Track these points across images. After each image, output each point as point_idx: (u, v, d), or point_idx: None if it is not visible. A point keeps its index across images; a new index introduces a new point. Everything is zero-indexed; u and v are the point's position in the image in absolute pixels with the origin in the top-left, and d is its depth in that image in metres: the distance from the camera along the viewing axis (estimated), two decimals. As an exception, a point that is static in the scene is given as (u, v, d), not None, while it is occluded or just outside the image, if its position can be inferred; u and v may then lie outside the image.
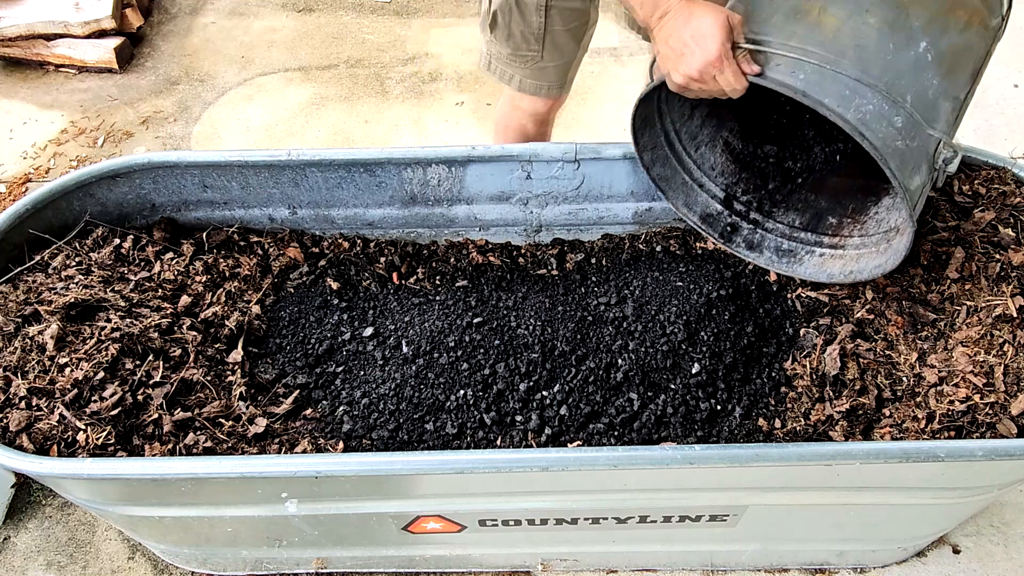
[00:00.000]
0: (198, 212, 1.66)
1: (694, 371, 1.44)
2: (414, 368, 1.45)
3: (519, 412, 1.40)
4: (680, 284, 1.55)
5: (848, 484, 1.26)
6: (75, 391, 1.26)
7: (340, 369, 1.48)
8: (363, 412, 1.41)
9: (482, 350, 1.46)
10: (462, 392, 1.41)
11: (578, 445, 1.37)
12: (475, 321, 1.50)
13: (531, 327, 1.50)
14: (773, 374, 1.45)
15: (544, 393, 1.42)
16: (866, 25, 1.15)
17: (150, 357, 1.35)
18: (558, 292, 1.58)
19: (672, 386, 1.43)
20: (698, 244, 1.65)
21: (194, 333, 1.43)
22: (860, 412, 1.35)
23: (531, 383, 1.42)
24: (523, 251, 1.70)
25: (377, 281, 1.63)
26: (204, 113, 2.83)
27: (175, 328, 1.43)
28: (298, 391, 1.45)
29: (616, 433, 1.38)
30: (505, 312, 1.54)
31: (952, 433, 1.26)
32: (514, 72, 1.73)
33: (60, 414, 1.23)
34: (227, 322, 1.49)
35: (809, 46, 1.16)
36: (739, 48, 1.16)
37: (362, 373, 1.47)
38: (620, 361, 1.44)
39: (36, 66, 2.99)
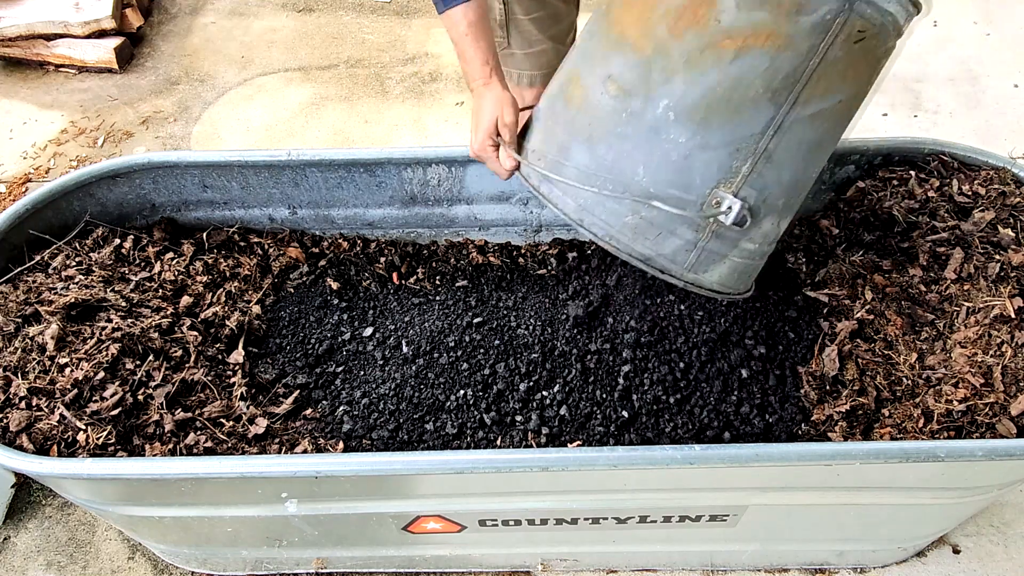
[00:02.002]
0: (198, 212, 1.66)
1: (694, 370, 1.44)
2: (414, 368, 1.45)
3: (519, 412, 1.40)
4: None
5: (848, 484, 1.26)
6: (75, 391, 1.26)
7: (340, 369, 1.48)
8: (363, 412, 1.41)
9: (482, 350, 1.46)
10: (462, 392, 1.41)
11: (578, 445, 1.37)
12: (475, 321, 1.51)
13: (531, 327, 1.50)
14: (774, 373, 1.45)
15: (544, 393, 1.42)
16: (604, 95, 1.11)
17: (150, 357, 1.35)
18: (558, 292, 1.58)
19: (672, 385, 1.43)
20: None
21: (194, 333, 1.43)
22: (860, 412, 1.35)
23: (531, 383, 1.42)
24: (523, 251, 1.70)
25: (377, 281, 1.64)
26: (204, 113, 2.83)
27: (175, 328, 1.43)
28: (298, 391, 1.45)
29: (616, 433, 1.38)
30: (505, 312, 1.54)
31: (952, 433, 1.26)
32: None
33: (60, 414, 1.23)
34: (227, 322, 1.49)
35: (558, 128, 1.19)
36: (502, 142, 1.25)
37: (362, 373, 1.47)
38: (620, 360, 1.44)
39: (36, 66, 2.99)
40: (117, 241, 1.54)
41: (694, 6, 1.01)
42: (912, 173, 1.56)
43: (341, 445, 1.37)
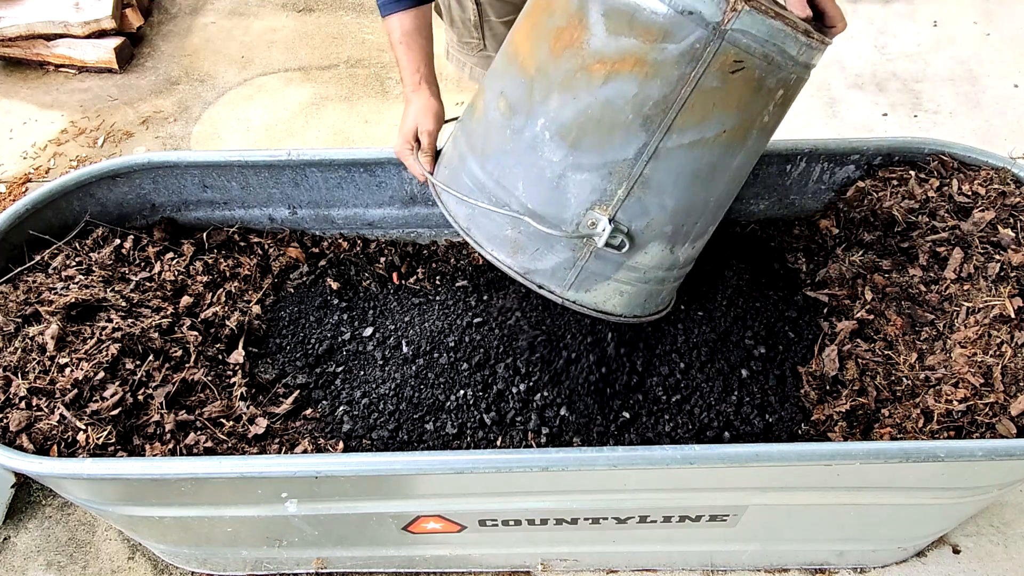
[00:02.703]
0: (198, 212, 1.66)
1: (694, 370, 1.44)
2: (414, 368, 1.45)
3: (519, 412, 1.40)
4: (683, 285, 1.55)
5: (848, 484, 1.26)
6: (75, 391, 1.26)
7: (340, 369, 1.48)
8: (363, 412, 1.41)
9: (482, 350, 1.46)
10: (462, 392, 1.41)
11: (578, 445, 1.37)
12: (475, 321, 1.51)
13: (531, 327, 1.50)
14: (774, 373, 1.45)
15: (544, 393, 1.42)
16: (495, 111, 1.13)
17: (150, 357, 1.35)
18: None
19: (672, 385, 1.43)
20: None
21: (194, 333, 1.43)
22: (860, 412, 1.35)
23: (531, 383, 1.42)
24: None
25: (377, 281, 1.64)
26: (204, 113, 2.83)
27: (175, 328, 1.43)
28: (298, 391, 1.45)
29: (616, 433, 1.39)
30: (505, 312, 1.54)
31: (952, 433, 1.26)
32: (465, 60, 1.74)
33: (60, 414, 1.23)
34: (227, 322, 1.49)
35: (462, 139, 1.21)
36: (419, 147, 1.30)
37: (362, 373, 1.47)
38: (620, 360, 1.44)
39: (36, 66, 2.99)
40: (117, 241, 1.54)
41: (571, 28, 1.01)
42: (912, 173, 1.56)
43: (341, 445, 1.37)
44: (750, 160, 1.15)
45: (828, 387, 1.40)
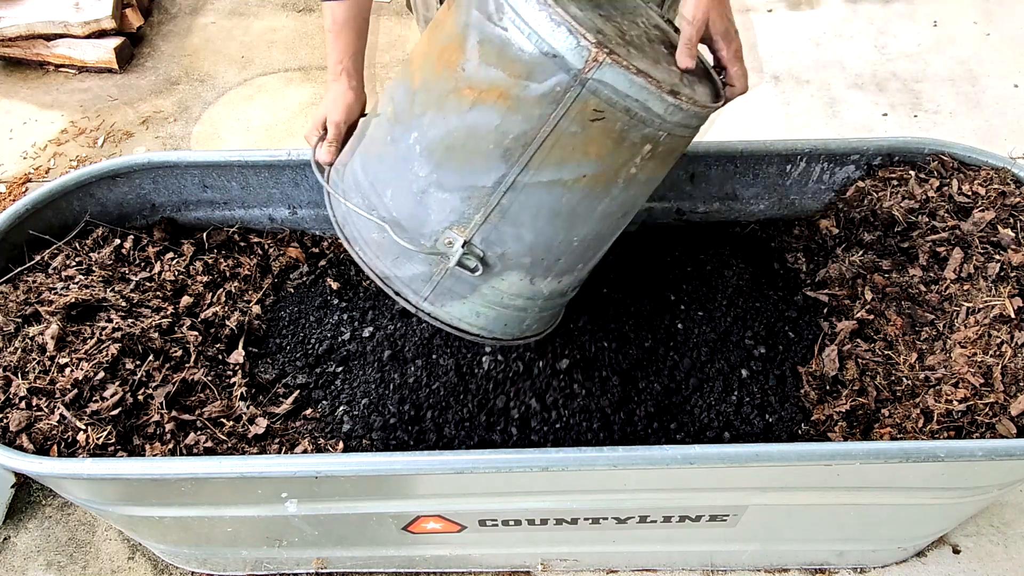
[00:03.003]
0: (198, 212, 1.66)
1: (695, 370, 1.44)
2: (414, 368, 1.45)
3: (520, 411, 1.40)
4: (683, 285, 1.55)
5: (848, 484, 1.26)
6: (75, 391, 1.26)
7: (340, 369, 1.48)
8: (363, 412, 1.41)
9: (482, 349, 1.46)
10: (463, 391, 1.41)
11: (578, 445, 1.37)
12: (475, 321, 1.51)
13: (531, 327, 1.50)
14: (774, 373, 1.45)
15: (544, 391, 1.42)
16: (383, 116, 1.14)
17: (150, 357, 1.35)
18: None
19: (672, 385, 1.43)
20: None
21: (194, 333, 1.43)
22: (860, 412, 1.35)
23: (532, 382, 1.42)
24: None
25: (377, 281, 1.64)
26: (204, 113, 2.83)
27: (175, 328, 1.43)
28: (298, 391, 1.45)
29: (617, 432, 1.39)
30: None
31: (952, 433, 1.26)
32: None
33: (60, 414, 1.23)
34: (227, 322, 1.49)
35: (354, 139, 1.22)
36: (326, 137, 1.29)
37: (362, 373, 1.47)
38: (621, 359, 1.44)
39: (36, 66, 2.99)
40: (117, 241, 1.54)
41: (452, 48, 1.02)
42: (912, 173, 1.56)
43: (341, 445, 1.37)
44: (623, 209, 1.11)
45: (828, 387, 1.40)
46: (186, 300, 1.49)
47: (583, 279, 1.25)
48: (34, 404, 1.24)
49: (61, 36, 2.90)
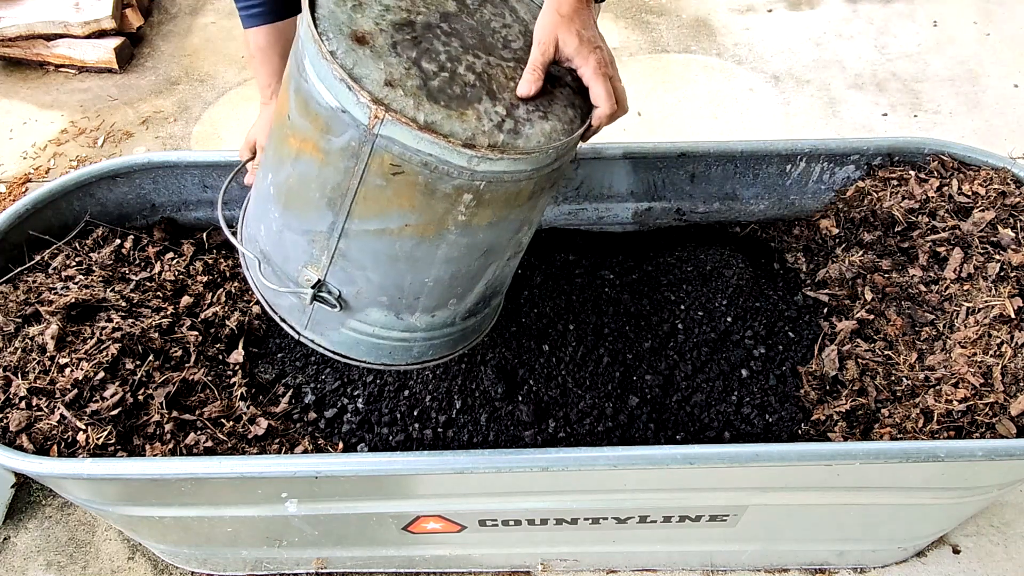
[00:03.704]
0: (198, 212, 1.66)
1: (695, 370, 1.44)
2: (414, 367, 1.45)
3: (518, 410, 1.40)
4: (683, 285, 1.55)
5: (848, 484, 1.26)
6: (75, 391, 1.26)
7: (340, 369, 1.48)
8: (363, 412, 1.41)
9: (481, 349, 1.46)
10: (462, 391, 1.41)
11: (578, 444, 1.37)
12: (475, 321, 1.51)
13: (531, 324, 1.50)
14: (774, 373, 1.45)
15: (546, 392, 1.42)
16: (264, 156, 1.15)
17: (150, 357, 1.35)
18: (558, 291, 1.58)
19: (672, 385, 1.43)
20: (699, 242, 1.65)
21: (195, 333, 1.43)
22: (860, 412, 1.35)
23: (532, 382, 1.42)
24: (523, 251, 1.70)
25: (377, 281, 1.64)
26: (204, 113, 2.83)
27: (176, 328, 1.43)
28: (298, 391, 1.45)
29: (617, 433, 1.39)
30: (505, 311, 1.54)
31: (952, 433, 1.26)
32: None
33: (60, 414, 1.23)
34: (227, 322, 1.49)
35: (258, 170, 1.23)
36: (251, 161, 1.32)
37: (362, 373, 1.47)
38: (621, 360, 1.44)
39: (36, 66, 2.99)
40: (117, 241, 1.54)
41: (283, 96, 1.02)
42: (912, 173, 1.56)
43: (341, 445, 1.37)
44: (477, 250, 1.07)
45: (828, 387, 1.40)
46: (186, 300, 1.49)
47: (472, 309, 1.21)
48: (34, 404, 1.24)
49: (61, 36, 2.90)
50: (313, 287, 1.07)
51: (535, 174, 0.99)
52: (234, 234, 1.19)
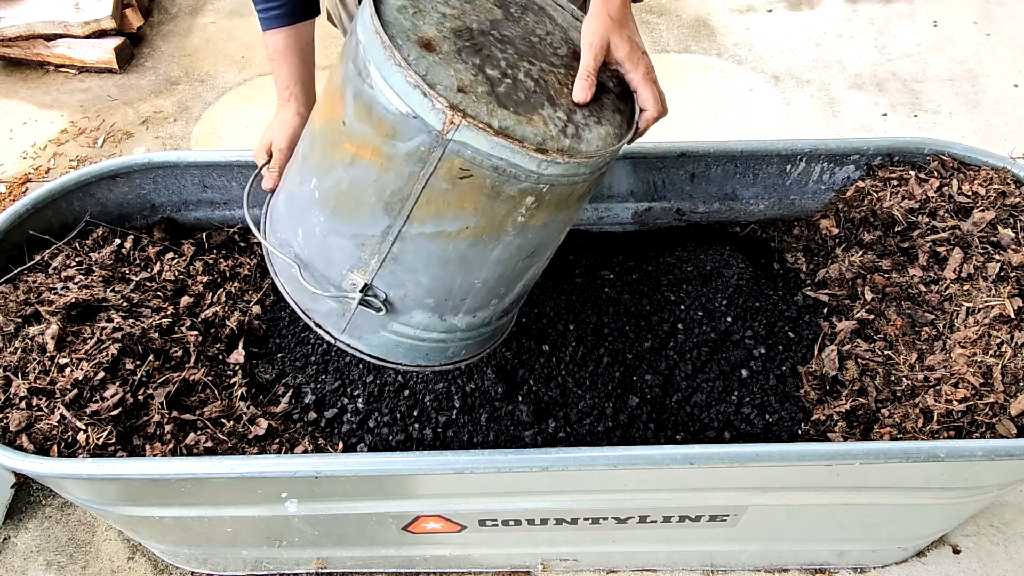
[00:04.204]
0: (198, 212, 1.66)
1: (695, 370, 1.44)
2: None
3: (518, 410, 1.40)
4: (683, 285, 1.55)
5: (848, 484, 1.26)
6: (75, 391, 1.26)
7: (340, 369, 1.48)
8: (363, 412, 1.41)
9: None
10: (462, 391, 1.41)
11: (578, 444, 1.37)
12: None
13: (531, 324, 1.50)
14: (774, 373, 1.45)
15: (545, 392, 1.42)
16: (297, 154, 1.15)
17: (151, 357, 1.35)
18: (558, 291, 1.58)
19: (672, 385, 1.43)
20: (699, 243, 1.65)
21: (195, 333, 1.43)
22: (860, 412, 1.35)
23: (532, 382, 1.42)
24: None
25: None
26: (204, 113, 2.83)
27: (176, 328, 1.43)
28: (298, 391, 1.45)
29: (617, 433, 1.39)
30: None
31: (952, 433, 1.26)
32: None
33: (60, 414, 1.23)
34: (228, 322, 1.49)
35: (285, 172, 1.23)
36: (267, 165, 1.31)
37: (361, 373, 1.47)
38: (621, 360, 1.44)
39: (36, 66, 2.99)
40: (117, 241, 1.54)
41: (335, 99, 1.02)
42: (912, 173, 1.56)
43: (341, 445, 1.37)
44: (524, 251, 1.09)
45: (828, 387, 1.40)
46: (186, 300, 1.49)
47: (508, 308, 1.23)
48: (34, 404, 1.24)
49: (61, 36, 2.90)
50: (361, 291, 1.07)
51: (589, 176, 1.02)
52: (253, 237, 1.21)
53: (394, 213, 1.01)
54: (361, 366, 1.48)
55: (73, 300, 1.37)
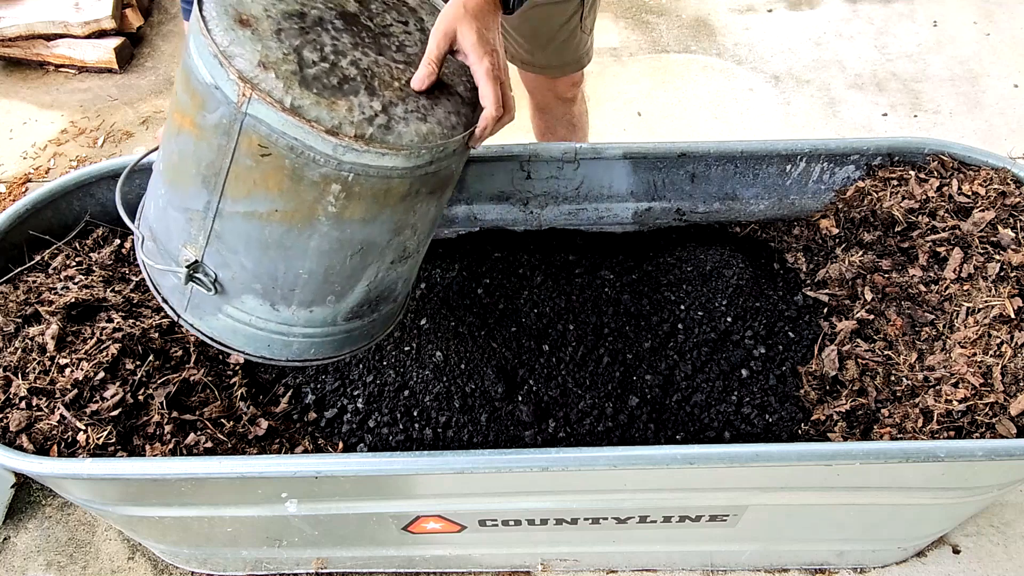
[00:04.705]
0: (198, 212, 1.65)
1: (695, 370, 1.44)
2: (413, 367, 1.45)
3: (519, 410, 1.40)
4: (683, 285, 1.55)
5: (848, 484, 1.26)
6: (75, 391, 1.26)
7: (340, 369, 1.48)
8: (363, 412, 1.41)
9: (481, 349, 1.46)
10: (462, 391, 1.41)
11: (578, 444, 1.37)
12: (474, 320, 1.51)
13: (530, 325, 1.50)
14: (774, 373, 1.45)
15: (545, 392, 1.42)
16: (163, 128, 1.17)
17: (151, 357, 1.35)
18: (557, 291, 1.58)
19: (672, 386, 1.43)
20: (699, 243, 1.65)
21: (194, 333, 1.43)
22: (860, 412, 1.35)
23: (532, 383, 1.43)
24: (523, 251, 1.70)
25: (377, 281, 1.64)
26: (204, 113, 2.83)
27: (176, 328, 1.43)
28: (298, 391, 1.45)
29: (618, 432, 1.39)
30: (505, 311, 1.54)
31: (952, 433, 1.26)
32: None
33: (60, 414, 1.23)
34: (227, 322, 1.49)
35: None
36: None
37: (361, 373, 1.47)
38: (621, 360, 1.44)
39: (36, 66, 2.99)
40: (117, 241, 1.54)
41: (176, 71, 1.05)
42: (912, 173, 1.56)
43: (341, 445, 1.37)
44: (350, 247, 1.06)
45: (828, 387, 1.40)
46: (186, 300, 1.49)
47: (355, 310, 1.18)
48: (34, 404, 1.24)
49: (61, 36, 2.91)
50: (188, 267, 1.07)
51: (408, 173, 1.00)
52: (132, 216, 1.19)
53: (210, 187, 1.01)
54: (361, 366, 1.48)
55: (73, 300, 1.37)
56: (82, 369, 1.28)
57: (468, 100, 1.07)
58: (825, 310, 1.51)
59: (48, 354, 1.30)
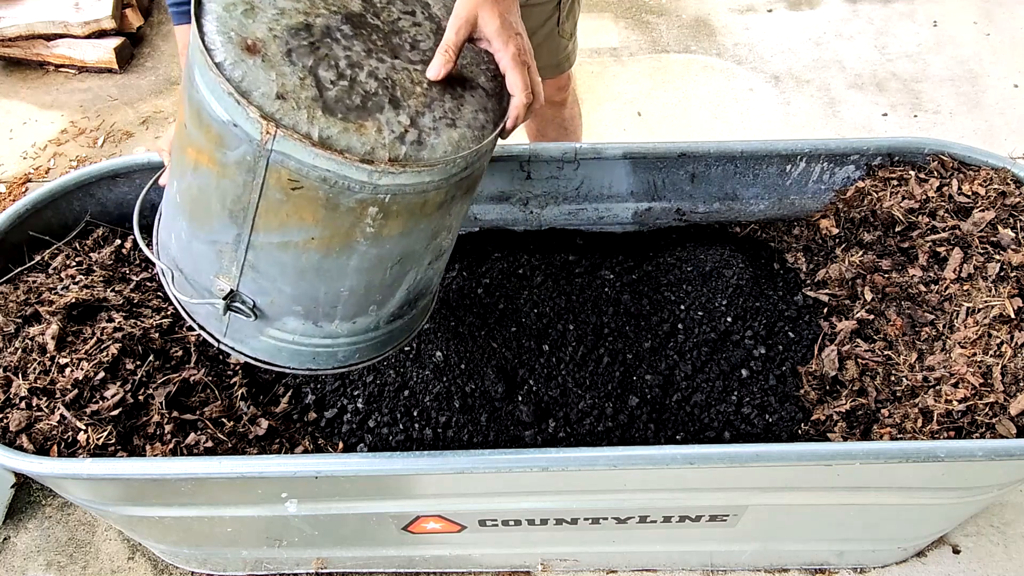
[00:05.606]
0: (198, 212, 1.66)
1: (695, 370, 1.44)
2: (413, 367, 1.45)
3: (519, 410, 1.40)
4: (683, 285, 1.55)
5: (848, 484, 1.26)
6: (76, 391, 1.26)
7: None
8: (363, 412, 1.41)
9: (481, 350, 1.46)
10: (462, 391, 1.41)
11: (578, 444, 1.37)
12: (474, 320, 1.51)
13: (531, 326, 1.50)
14: (774, 373, 1.45)
15: (545, 392, 1.42)
16: (171, 163, 1.11)
17: (151, 357, 1.35)
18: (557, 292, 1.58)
19: (672, 385, 1.43)
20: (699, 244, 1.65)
21: (195, 333, 1.43)
22: (860, 412, 1.35)
23: (531, 383, 1.43)
24: (523, 251, 1.70)
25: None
26: (204, 113, 2.83)
27: (176, 328, 1.43)
28: (298, 391, 1.45)
29: (617, 433, 1.39)
30: (505, 311, 1.54)
31: (952, 433, 1.26)
32: None
33: (60, 414, 1.23)
34: (227, 322, 1.49)
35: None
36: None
37: (361, 373, 1.47)
38: (621, 360, 1.44)
39: (36, 66, 2.99)
40: (117, 241, 1.54)
41: (180, 103, 0.97)
42: (912, 173, 1.56)
43: (341, 445, 1.37)
44: (388, 260, 1.03)
45: (828, 387, 1.40)
46: (186, 300, 1.49)
47: (396, 312, 1.17)
48: (34, 404, 1.24)
49: (61, 36, 2.91)
50: (225, 298, 1.03)
51: (444, 184, 0.95)
52: (149, 244, 1.15)
53: (239, 221, 0.96)
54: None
55: (73, 300, 1.37)
56: (82, 369, 1.28)
57: (492, 92, 1.02)
58: (825, 310, 1.51)
59: (48, 354, 1.30)
